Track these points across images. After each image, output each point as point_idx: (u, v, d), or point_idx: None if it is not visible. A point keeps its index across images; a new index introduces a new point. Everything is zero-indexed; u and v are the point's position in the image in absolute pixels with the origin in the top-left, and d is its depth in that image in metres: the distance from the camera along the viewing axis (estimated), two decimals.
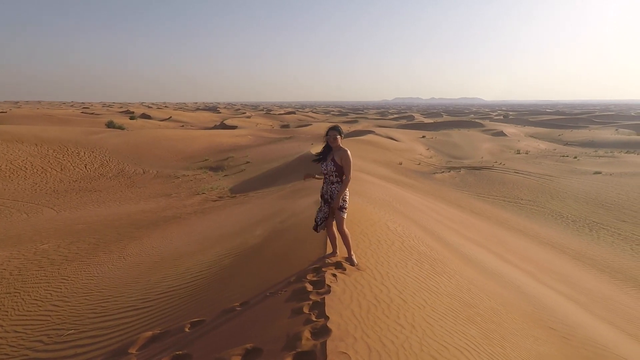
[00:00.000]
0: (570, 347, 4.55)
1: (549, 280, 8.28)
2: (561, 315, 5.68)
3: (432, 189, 18.25)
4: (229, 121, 53.33)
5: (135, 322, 5.04)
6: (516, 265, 8.52)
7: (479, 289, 5.22)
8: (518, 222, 14.30)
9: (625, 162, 25.86)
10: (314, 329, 3.00)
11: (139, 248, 9.36)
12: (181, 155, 26.08)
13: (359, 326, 3.06)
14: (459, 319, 3.82)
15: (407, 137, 36.52)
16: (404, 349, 2.88)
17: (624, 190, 17.72)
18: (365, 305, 3.45)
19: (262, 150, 28.34)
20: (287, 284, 4.15)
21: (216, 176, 21.24)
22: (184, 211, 13.75)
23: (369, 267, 4.40)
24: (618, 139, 41.35)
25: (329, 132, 4.47)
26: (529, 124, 63.67)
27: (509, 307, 5.14)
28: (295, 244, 5.82)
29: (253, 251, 6.40)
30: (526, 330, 4.54)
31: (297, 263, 4.78)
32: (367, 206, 8.00)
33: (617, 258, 11.46)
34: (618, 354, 4.91)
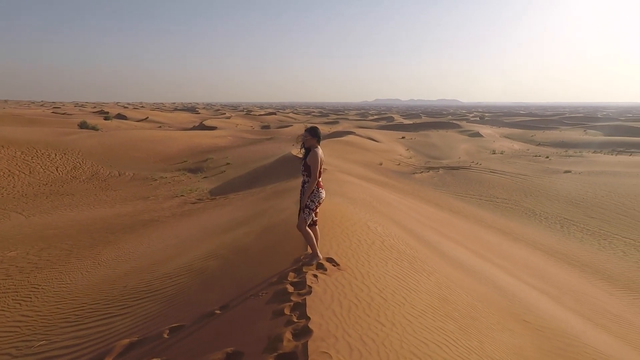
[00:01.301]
0: (543, 338, 4.71)
1: (523, 275, 8.55)
2: (535, 309, 5.88)
3: (411, 189, 18.54)
4: (208, 122, 52.54)
5: (111, 329, 4.89)
6: (492, 261, 8.76)
7: (456, 286, 5.34)
8: (494, 220, 14.70)
9: (592, 162, 27.01)
10: (295, 330, 3.00)
11: (114, 253, 9.10)
12: (159, 157, 25.53)
13: (340, 325, 3.08)
14: (438, 315, 3.90)
15: (387, 138, 36.96)
16: (384, 346, 2.92)
17: (592, 188, 18.50)
18: (346, 304, 3.47)
19: (243, 151, 28.08)
20: (268, 285, 4.13)
21: (195, 178, 20.90)
22: (162, 214, 13.46)
23: (350, 267, 4.43)
24: (586, 139, 43.17)
25: (303, 133, 4.56)
26: (504, 125, 65.56)
27: (486, 302, 5.28)
28: (276, 245, 5.80)
29: (233, 253, 6.33)
30: (502, 324, 4.68)
31: (278, 264, 4.76)
32: (347, 206, 8.05)
33: (585, 252, 11.95)
34: (587, 343, 5.12)
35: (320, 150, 4.52)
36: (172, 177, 20.68)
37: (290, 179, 14.88)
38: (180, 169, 22.94)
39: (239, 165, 23.04)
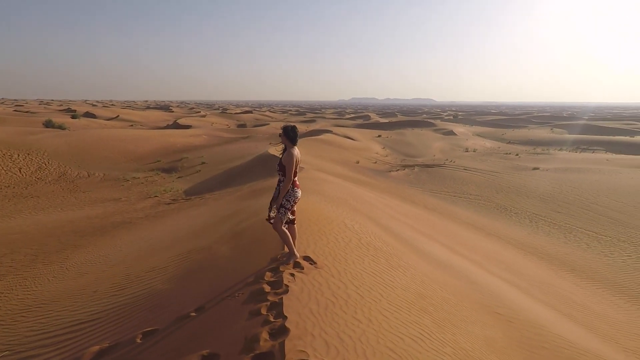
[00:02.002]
0: (513, 329, 4.89)
1: (495, 268, 8.84)
2: (506, 301, 6.09)
3: (388, 187, 18.79)
4: (182, 120, 51.33)
5: (80, 337, 4.71)
6: (466, 256, 9.01)
7: (431, 281, 5.45)
8: (467, 216, 15.11)
9: (558, 159, 28.23)
10: (272, 329, 2.98)
11: (84, 257, 8.76)
12: (131, 157, 24.76)
13: (317, 324, 3.09)
14: (413, 310, 3.98)
15: (364, 137, 37.29)
16: (361, 342, 2.95)
17: (558, 184, 19.33)
18: (323, 302, 3.48)
19: (218, 150, 27.64)
20: (244, 285, 4.09)
21: (169, 178, 20.40)
22: (134, 216, 13.07)
23: (327, 265, 4.45)
24: (553, 137, 45.07)
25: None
26: (476, 124, 67.48)
27: (460, 296, 5.42)
28: (253, 245, 5.74)
29: (209, 254, 6.22)
30: (475, 317, 4.82)
31: (255, 264, 4.72)
32: (324, 205, 8.07)
33: (553, 246, 12.48)
34: (554, 332, 5.35)
35: (296, 149, 4.50)
36: (145, 178, 20.11)
37: (267, 178, 14.77)
38: (154, 169, 22.34)
39: (215, 165, 22.67)
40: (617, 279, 10.28)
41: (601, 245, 12.59)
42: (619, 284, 10.01)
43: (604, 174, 21.18)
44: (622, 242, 12.68)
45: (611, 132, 50.74)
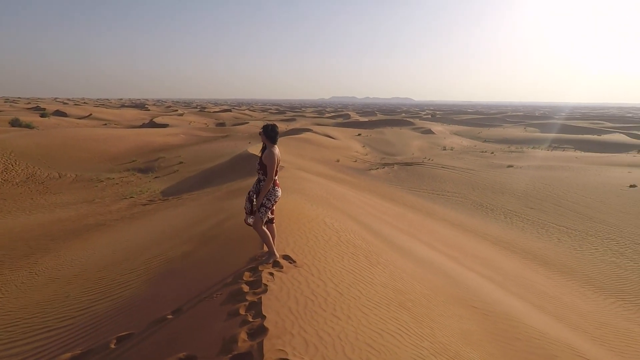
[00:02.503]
0: (489, 322, 5.02)
1: (472, 263, 9.06)
2: (482, 295, 6.25)
3: (367, 185, 18.95)
4: (159, 119, 50.17)
5: (50, 344, 4.53)
6: (444, 252, 9.19)
7: (410, 277, 5.53)
8: (445, 213, 15.42)
9: (532, 157, 29.19)
10: (250, 329, 2.95)
11: (54, 262, 8.44)
12: (105, 157, 24.01)
13: (297, 322, 3.08)
14: (392, 306, 4.02)
15: (344, 135, 37.47)
16: (340, 339, 2.96)
17: (531, 181, 19.99)
18: (303, 301, 3.47)
19: (196, 149, 27.16)
20: (222, 286, 4.03)
21: (146, 178, 19.91)
22: (109, 217, 12.69)
23: (307, 263, 4.44)
24: (526, 136, 46.57)
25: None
26: (454, 123, 68.93)
27: (437, 291, 5.53)
28: (232, 245, 5.67)
29: (187, 255, 6.11)
30: (452, 311, 4.92)
31: (234, 264, 4.66)
32: (304, 203, 8.06)
33: (526, 241, 12.90)
34: (527, 323, 5.53)
35: (276, 148, 4.48)
36: (120, 178, 19.55)
37: (247, 177, 14.63)
38: (129, 169, 21.75)
39: (193, 164, 22.27)
40: (586, 271, 10.72)
41: (571, 239, 13.10)
42: (588, 276, 10.44)
43: (573, 171, 22.04)
44: (590, 236, 13.23)
45: (580, 131, 52.83)
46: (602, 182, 19.38)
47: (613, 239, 12.88)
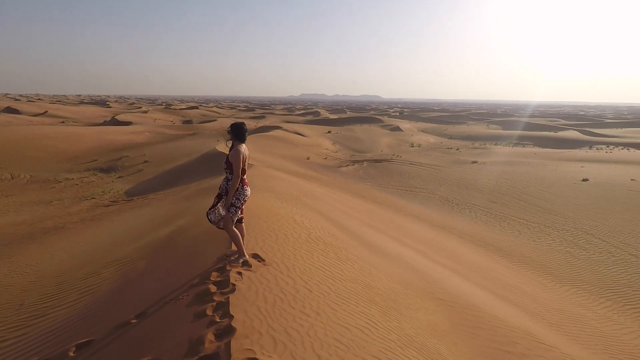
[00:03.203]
0: (454, 312, 5.20)
1: (438, 257, 9.34)
2: (447, 287, 6.46)
3: (338, 182, 19.08)
4: (121, 116, 48.10)
5: (3, 355, 4.26)
6: (412, 246, 9.42)
7: (379, 271, 5.63)
8: (413, 208, 15.80)
9: (494, 153, 30.43)
10: (217, 330, 2.90)
11: (7, 268, 7.93)
12: (63, 156, 22.78)
13: (265, 321, 3.06)
14: (361, 301, 4.08)
15: (314, 133, 37.50)
16: (309, 336, 2.97)
17: (494, 176, 20.86)
18: (271, 299, 3.45)
19: (162, 148, 26.32)
20: (189, 287, 3.94)
21: (108, 178, 19.08)
22: (68, 220, 12.07)
23: (276, 261, 4.42)
24: (489, 133, 48.52)
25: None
26: (421, 120, 70.62)
27: (405, 284, 5.66)
28: (199, 245, 5.55)
29: (152, 257, 5.91)
30: (419, 303, 5.06)
31: (201, 265, 4.56)
32: (274, 201, 8.00)
33: (489, 233, 13.46)
34: (490, 313, 5.78)
35: (243, 146, 4.40)
36: (80, 178, 18.62)
37: (215, 176, 14.33)
38: (90, 169, 20.76)
39: (159, 163, 21.58)
40: (544, 261, 11.32)
41: (530, 231, 13.78)
42: (546, 265, 11.02)
43: (532, 167, 23.19)
44: (548, 228, 13.98)
45: (538, 128, 55.62)
46: (558, 176, 20.52)
47: (568, 230, 13.68)
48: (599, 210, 15.46)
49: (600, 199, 16.60)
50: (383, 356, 3.08)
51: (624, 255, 11.52)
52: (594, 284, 9.91)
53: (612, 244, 12.38)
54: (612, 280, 10.09)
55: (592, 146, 38.30)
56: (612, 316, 8.31)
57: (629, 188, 17.91)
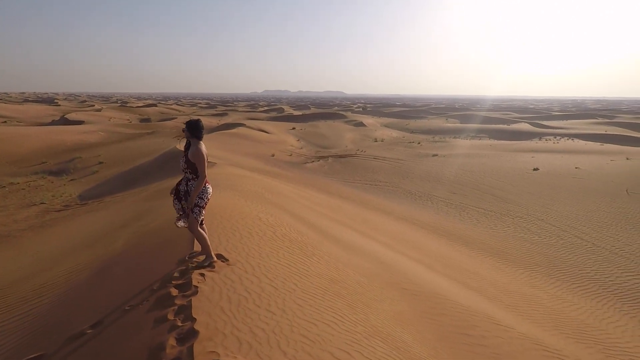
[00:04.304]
0: (418, 301, 5.37)
1: (403, 248, 9.60)
2: (412, 277, 6.65)
3: (303, 178, 19.07)
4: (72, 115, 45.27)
5: None
6: (377, 239, 9.61)
7: (345, 266, 5.69)
8: (378, 202, 16.12)
9: (454, 146, 31.63)
10: (179, 334, 2.81)
11: None
12: (6, 159, 21.12)
13: (229, 321, 3.00)
14: (327, 296, 4.10)
15: (278, 129, 37.20)
16: (274, 334, 2.94)
17: (453, 168, 21.70)
18: (236, 299, 3.39)
19: (119, 147, 25.09)
20: (149, 292, 3.78)
21: (59, 181, 17.92)
22: (14, 228, 11.23)
23: (240, 261, 4.34)
24: (448, 127, 50.34)
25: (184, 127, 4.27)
26: (383, 115, 71.99)
27: (371, 277, 5.76)
28: (160, 248, 5.34)
29: (108, 263, 5.62)
30: (385, 295, 5.17)
31: (162, 268, 4.39)
32: (238, 200, 7.86)
33: (450, 223, 14.00)
34: (452, 299, 6.02)
35: (203, 144, 4.26)
36: (27, 182, 17.36)
37: (177, 175, 13.85)
38: (38, 172, 19.39)
39: (116, 164, 20.55)
40: (500, 247, 11.95)
41: (488, 219, 14.49)
42: (502, 251, 11.63)
43: (488, 158, 24.35)
44: (503, 216, 14.76)
45: (493, 121, 58.41)
46: (512, 167, 21.68)
47: (521, 217, 14.51)
48: (548, 197, 16.51)
49: (549, 187, 17.74)
50: (349, 348, 3.11)
51: (571, 238, 12.39)
52: (545, 266, 10.59)
53: (561, 228, 13.27)
54: (561, 262, 10.83)
55: (542, 137, 40.79)
56: (561, 295, 8.93)
57: (574, 175, 19.27)
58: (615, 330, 7.41)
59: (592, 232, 12.79)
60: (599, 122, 55.29)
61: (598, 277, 9.89)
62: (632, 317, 8.06)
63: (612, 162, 21.92)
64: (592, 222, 13.67)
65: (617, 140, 36.94)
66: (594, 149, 28.55)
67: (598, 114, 71.00)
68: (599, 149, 28.43)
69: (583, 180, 18.47)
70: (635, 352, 6.57)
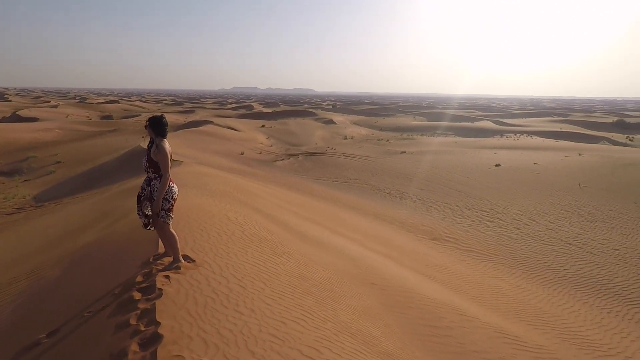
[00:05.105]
0: (386, 296, 5.47)
1: (372, 244, 9.75)
2: (380, 272, 6.77)
3: (273, 176, 18.93)
4: (25, 112, 42.50)
5: None
6: (347, 236, 9.70)
7: (315, 263, 5.70)
8: (348, 199, 16.27)
9: (421, 143, 32.45)
10: (142, 339, 2.71)
11: None
12: None
13: (195, 324, 2.93)
14: (297, 294, 4.09)
15: (247, 127, 36.68)
16: (242, 334, 2.90)
17: (421, 165, 22.28)
18: (202, 301, 3.31)
19: (78, 146, 23.86)
20: (110, 297, 3.62)
21: (11, 182, 16.82)
22: None
23: (207, 262, 4.24)
24: (416, 124, 51.57)
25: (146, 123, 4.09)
26: (353, 113, 72.65)
27: (340, 273, 5.81)
28: (121, 251, 5.12)
29: (68, 267, 5.33)
30: (354, 290, 5.23)
31: (124, 271, 4.22)
32: (205, 199, 7.68)
33: (418, 218, 14.37)
34: (420, 293, 6.18)
35: (167, 142, 4.09)
36: None
37: (141, 175, 13.36)
38: None
39: (75, 164, 19.54)
40: (465, 240, 12.39)
41: (453, 214, 14.98)
42: (467, 244, 12.07)
43: (454, 155, 25.17)
44: (468, 210, 15.32)
45: (458, 119, 60.40)
46: (475, 163, 22.53)
47: (484, 211, 15.11)
48: (509, 191, 17.30)
49: (510, 182, 18.59)
50: (318, 345, 3.12)
51: (530, 230, 13.05)
52: (507, 257, 11.09)
53: (521, 221, 13.95)
54: (521, 253, 11.39)
55: (503, 135, 42.64)
56: (522, 284, 9.39)
57: (532, 171, 20.29)
58: (570, 315, 7.89)
59: (549, 224, 13.53)
60: (555, 120, 58.53)
61: (555, 267, 10.48)
62: (584, 303, 8.61)
63: (566, 157, 23.27)
64: (548, 214, 14.46)
65: (570, 137, 39.27)
66: (550, 145, 30.18)
67: (554, 112, 75.22)
68: (554, 145, 30.08)
69: (540, 175, 19.49)
70: (587, 335, 7.03)
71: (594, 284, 9.54)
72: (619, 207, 14.87)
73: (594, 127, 49.57)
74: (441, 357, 4.38)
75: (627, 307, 8.51)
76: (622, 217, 13.95)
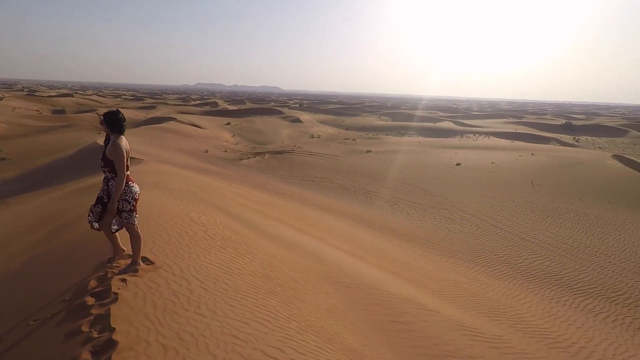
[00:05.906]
0: (351, 293, 5.54)
1: (338, 242, 9.83)
2: (346, 270, 6.84)
3: (239, 175, 18.62)
4: None
5: None
6: (313, 234, 9.72)
7: (280, 262, 5.66)
8: (314, 198, 16.31)
9: (386, 142, 33.11)
10: (95, 347, 2.57)
11: None
12: None
13: (154, 328, 2.81)
14: (260, 294, 4.05)
15: (212, 124, 35.83)
16: (204, 337, 2.83)
17: (386, 164, 22.74)
18: (162, 304, 3.19)
19: (27, 142, 22.30)
20: (60, 303, 3.40)
21: None
22: None
23: (167, 263, 4.09)
24: (381, 124, 52.60)
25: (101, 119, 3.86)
26: (319, 112, 72.90)
27: (306, 272, 5.81)
28: (73, 254, 4.83)
29: (13, 272, 4.96)
30: (319, 289, 5.25)
31: (75, 276, 3.98)
32: (166, 199, 7.41)
33: (382, 216, 14.67)
34: (384, 289, 6.31)
35: (123, 139, 3.88)
36: None
37: (98, 173, 12.68)
38: None
39: (22, 160, 18.25)
40: (428, 237, 12.80)
41: (417, 212, 15.43)
42: (429, 241, 12.47)
43: (417, 154, 25.90)
44: (431, 208, 15.83)
45: (421, 119, 62.22)
46: (437, 162, 23.31)
47: (446, 208, 15.68)
48: (468, 189, 18.05)
49: (470, 180, 19.40)
50: (282, 344, 3.10)
51: (488, 227, 13.69)
52: (466, 252, 11.57)
53: (479, 217, 14.60)
54: (480, 248, 11.92)
55: (463, 135, 44.43)
56: (479, 278, 9.83)
57: (490, 170, 21.30)
58: (523, 306, 8.36)
59: (504, 220, 14.26)
60: (510, 122, 61.73)
61: (510, 260, 11.06)
62: (536, 294, 9.15)
63: (520, 157, 24.60)
64: (504, 211, 15.24)
65: (524, 138, 41.60)
66: (506, 145, 31.80)
67: (509, 114, 79.36)
68: (510, 145, 31.72)
69: (497, 174, 20.50)
70: (539, 324, 7.48)
71: (545, 276, 10.17)
72: (566, 203, 15.94)
73: (545, 129, 52.82)
74: (403, 351, 4.49)
75: (573, 297, 9.14)
76: (569, 212, 14.97)
